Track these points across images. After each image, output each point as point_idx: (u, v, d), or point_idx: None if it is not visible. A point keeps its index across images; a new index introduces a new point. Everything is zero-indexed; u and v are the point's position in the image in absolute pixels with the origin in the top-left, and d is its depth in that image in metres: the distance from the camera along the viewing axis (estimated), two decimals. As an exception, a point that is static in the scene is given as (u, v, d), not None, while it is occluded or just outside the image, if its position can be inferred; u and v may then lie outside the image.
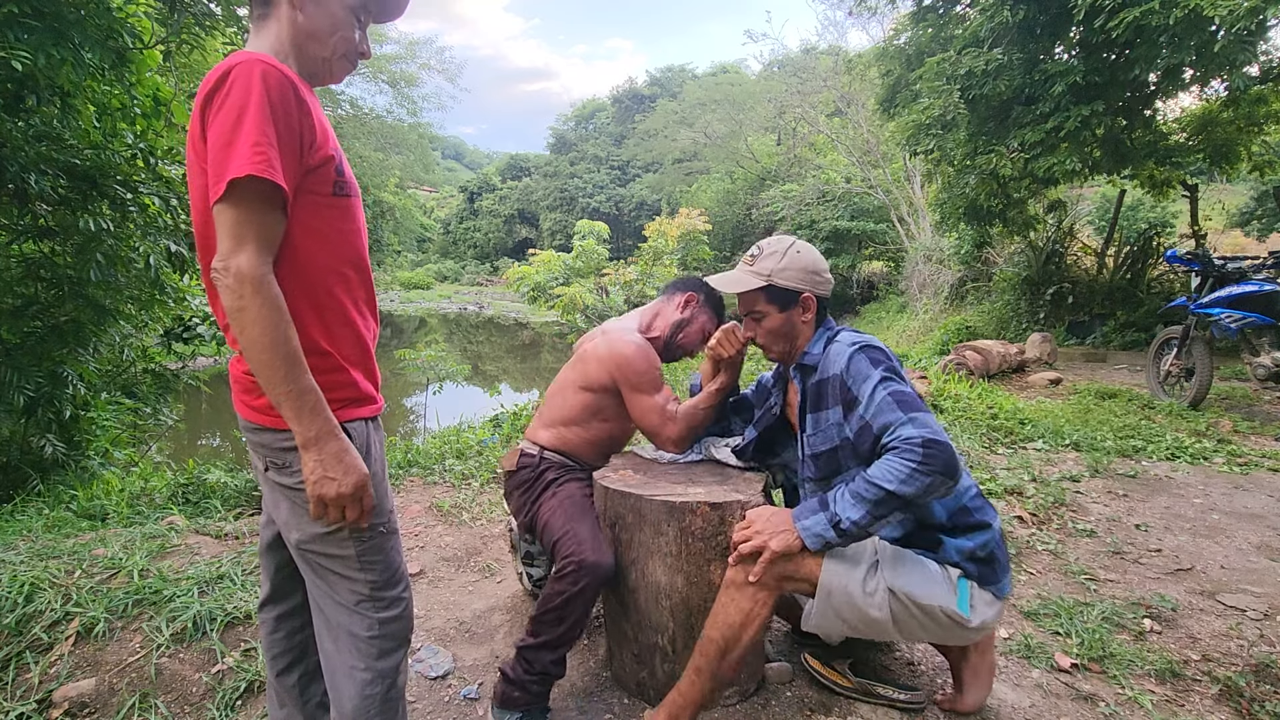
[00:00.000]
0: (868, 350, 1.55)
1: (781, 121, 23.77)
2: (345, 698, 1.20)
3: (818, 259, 1.69)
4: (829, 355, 1.62)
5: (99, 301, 3.90)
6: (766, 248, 1.69)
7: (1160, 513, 3.18)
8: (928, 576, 1.50)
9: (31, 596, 2.02)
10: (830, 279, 1.72)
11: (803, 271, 1.65)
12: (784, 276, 1.64)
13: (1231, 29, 5.25)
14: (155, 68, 3.99)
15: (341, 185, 1.15)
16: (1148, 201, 12.20)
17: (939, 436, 1.39)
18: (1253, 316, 4.62)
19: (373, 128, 25.44)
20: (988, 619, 1.52)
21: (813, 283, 1.67)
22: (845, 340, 1.61)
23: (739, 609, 1.48)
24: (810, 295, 1.67)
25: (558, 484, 1.90)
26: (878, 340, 1.61)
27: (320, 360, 1.13)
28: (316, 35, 1.15)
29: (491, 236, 43.06)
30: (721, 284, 1.77)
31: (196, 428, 8.20)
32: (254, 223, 1.02)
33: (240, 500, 3.33)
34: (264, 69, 1.02)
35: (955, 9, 8.40)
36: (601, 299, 11.50)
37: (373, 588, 1.19)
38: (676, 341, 2.08)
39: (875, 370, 1.51)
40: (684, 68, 42.13)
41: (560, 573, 1.66)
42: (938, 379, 5.55)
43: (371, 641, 1.19)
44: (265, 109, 1.00)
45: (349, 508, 1.10)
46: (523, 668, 1.67)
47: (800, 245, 1.69)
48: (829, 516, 1.44)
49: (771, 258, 1.66)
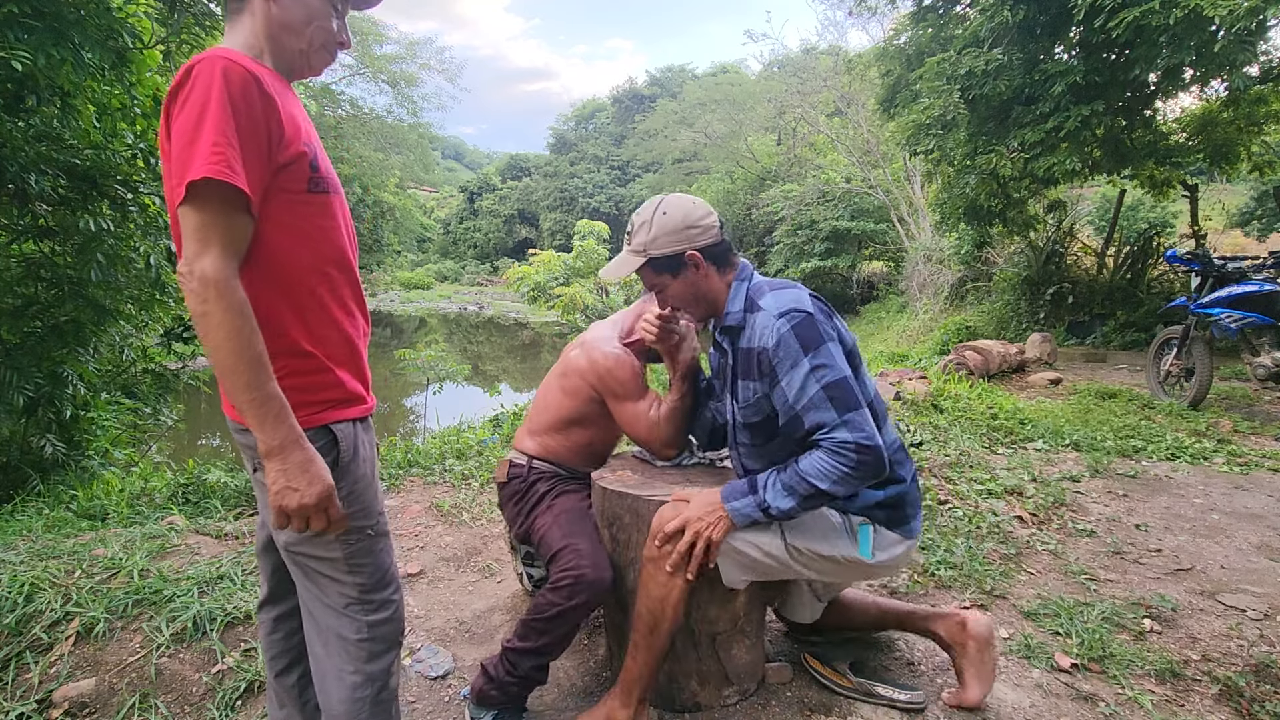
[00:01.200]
0: (798, 328, 1.45)
1: (781, 121, 23.77)
2: (335, 701, 1.19)
3: (689, 211, 1.57)
4: (756, 324, 1.52)
5: (99, 301, 3.90)
6: (636, 220, 1.60)
7: (1160, 513, 3.18)
8: (828, 531, 1.57)
9: (31, 596, 2.02)
10: (712, 223, 1.58)
11: (675, 233, 1.55)
12: (658, 245, 1.56)
13: (1231, 29, 5.25)
14: (155, 68, 3.99)
15: (317, 181, 1.12)
16: (1148, 201, 12.20)
17: (872, 440, 1.39)
18: (1253, 316, 4.62)
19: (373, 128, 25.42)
20: (895, 556, 1.61)
21: (690, 239, 1.56)
22: (770, 306, 1.50)
23: (659, 584, 1.53)
24: (693, 252, 1.56)
25: (551, 496, 1.90)
26: (805, 298, 1.51)
27: (303, 361, 1.12)
28: (291, 26, 1.12)
29: (491, 236, 43.05)
30: (608, 273, 1.70)
31: (196, 428, 8.20)
32: (217, 226, 0.99)
33: (240, 500, 3.33)
34: (225, 65, 0.99)
35: (955, 9, 8.40)
36: (601, 299, 11.52)
37: (361, 590, 1.18)
38: None
39: (805, 358, 1.43)
40: (684, 68, 42.14)
41: (557, 585, 1.64)
42: (938, 379, 5.55)
43: (360, 644, 1.18)
44: (225, 108, 0.98)
45: (314, 518, 1.06)
46: (505, 668, 1.65)
47: (667, 204, 1.58)
48: (758, 501, 1.47)
49: (642, 230, 1.57)
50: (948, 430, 4.24)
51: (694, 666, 1.72)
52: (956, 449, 3.85)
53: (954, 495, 3.23)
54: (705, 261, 1.58)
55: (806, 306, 1.48)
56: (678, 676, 1.73)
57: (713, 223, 1.59)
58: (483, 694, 1.67)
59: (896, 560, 1.62)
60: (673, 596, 1.52)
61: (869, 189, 17.96)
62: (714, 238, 1.59)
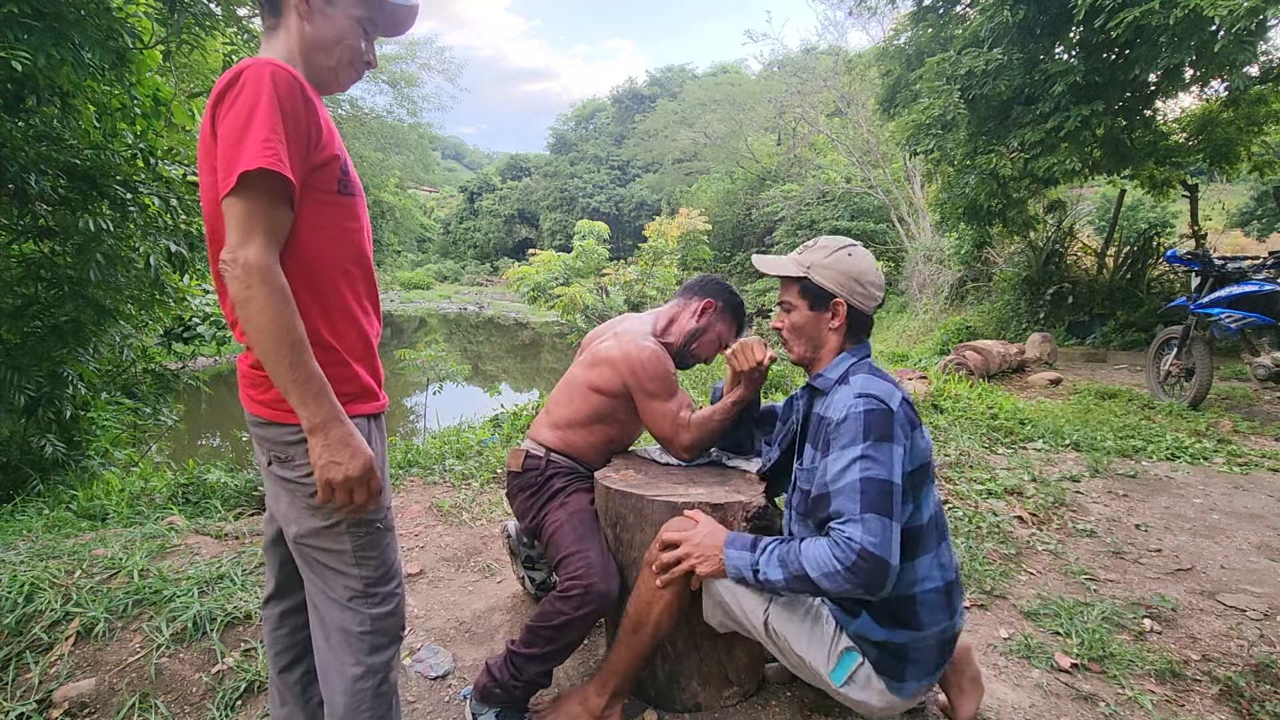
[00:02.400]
0: (870, 415, 1.38)
1: (781, 121, 23.78)
2: (337, 693, 1.21)
3: (866, 269, 1.55)
4: (836, 394, 1.48)
5: (99, 301, 3.90)
6: (820, 241, 1.59)
7: (1160, 513, 3.18)
8: (812, 637, 1.48)
9: (31, 596, 2.02)
10: (878, 296, 1.57)
11: (844, 275, 1.53)
12: (823, 274, 1.53)
13: (1231, 29, 5.24)
14: (155, 68, 3.99)
15: (346, 184, 1.18)
16: (1148, 201, 12.21)
17: (881, 551, 1.29)
18: (1253, 316, 4.62)
19: (373, 128, 25.45)
20: (869, 700, 1.46)
21: (851, 290, 1.53)
22: (857, 385, 1.44)
23: (648, 588, 1.55)
24: (843, 302, 1.53)
25: (565, 493, 1.86)
26: (895, 394, 1.43)
27: (324, 354, 1.15)
28: (322, 44, 1.19)
29: (491, 236, 43.06)
30: (762, 264, 1.67)
31: (196, 428, 8.20)
32: (262, 215, 1.05)
33: (240, 500, 3.33)
34: (274, 70, 1.06)
35: (955, 9, 8.40)
36: (601, 299, 11.51)
37: (366, 584, 1.21)
38: (690, 350, 2.03)
39: (859, 444, 1.37)
40: (684, 68, 42.11)
41: (566, 594, 1.63)
42: (938, 379, 5.55)
43: (363, 637, 1.21)
44: (275, 108, 1.04)
45: (356, 490, 1.11)
46: (510, 671, 1.65)
47: (855, 250, 1.57)
48: (752, 561, 1.43)
49: (818, 252, 1.56)
50: (948, 430, 4.24)
51: (695, 667, 1.73)
52: (956, 449, 3.85)
53: (954, 495, 3.23)
54: (844, 318, 1.55)
55: (890, 401, 1.41)
56: (679, 677, 1.73)
57: (877, 295, 1.57)
58: (486, 691, 1.67)
59: (870, 706, 1.47)
60: (658, 605, 1.53)
61: (869, 189, 17.97)
62: (867, 308, 1.56)
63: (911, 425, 1.44)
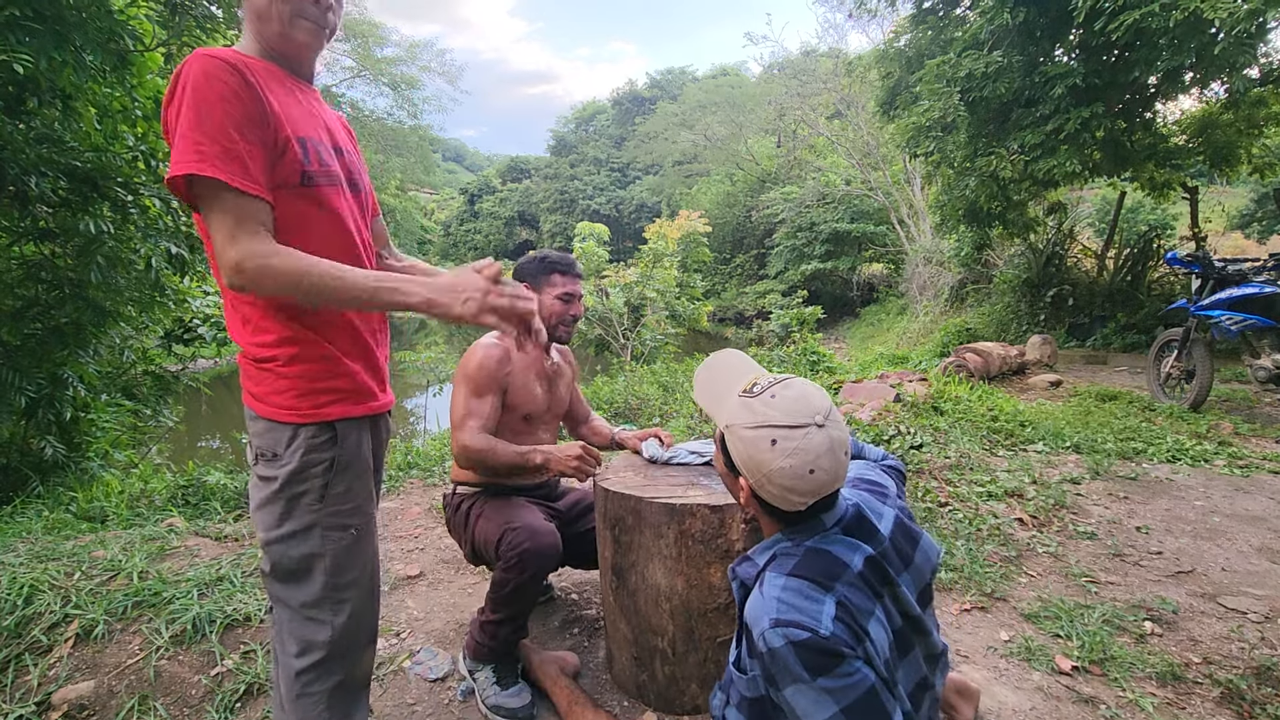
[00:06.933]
0: (799, 649, 1.00)
1: (781, 124, 23.82)
2: (283, 687, 1.22)
3: (781, 472, 1.06)
4: (754, 601, 1.08)
5: (99, 303, 3.90)
6: (773, 394, 1.11)
7: (1161, 515, 3.18)
8: None
9: (31, 598, 2.02)
10: (797, 503, 1.08)
11: (752, 463, 1.09)
12: (734, 444, 1.12)
13: (1231, 31, 5.25)
14: (156, 70, 4.00)
15: (310, 175, 1.13)
16: (1148, 204, 12.22)
17: None
18: (1253, 319, 4.61)
19: (373, 130, 25.47)
20: None
21: (758, 483, 1.10)
22: (769, 605, 1.04)
23: None
24: (746, 485, 1.12)
25: (477, 509, 1.93)
26: (814, 608, 1.03)
27: (310, 349, 1.14)
28: (259, 12, 1.14)
29: (492, 239, 43.09)
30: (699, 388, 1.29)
31: (196, 430, 8.20)
32: (223, 214, 1.02)
33: (240, 502, 3.33)
34: (199, 64, 1.03)
35: (955, 11, 8.42)
36: (602, 301, 11.49)
37: (326, 588, 1.19)
38: (551, 328, 2.03)
39: (809, 682, 1.00)
40: (684, 70, 42.20)
41: (507, 565, 1.71)
42: (938, 381, 5.55)
43: (313, 642, 1.19)
44: (195, 103, 1.01)
45: (494, 295, 1.07)
46: (487, 635, 1.79)
47: (788, 444, 1.06)
48: None
49: (747, 413, 1.11)
50: (948, 432, 4.23)
51: (695, 670, 1.72)
52: (957, 451, 3.85)
53: (954, 497, 3.23)
54: (756, 506, 1.15)
55: (819, 626, 1.01)
56: (679, 680, 1.73)
57: (796, 502, 1.08)
58: (477, 650, 1.82)
59: None
60: None
61: (869, 191, 17.99)
62: (793, 506, 1.09)
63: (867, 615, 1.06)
